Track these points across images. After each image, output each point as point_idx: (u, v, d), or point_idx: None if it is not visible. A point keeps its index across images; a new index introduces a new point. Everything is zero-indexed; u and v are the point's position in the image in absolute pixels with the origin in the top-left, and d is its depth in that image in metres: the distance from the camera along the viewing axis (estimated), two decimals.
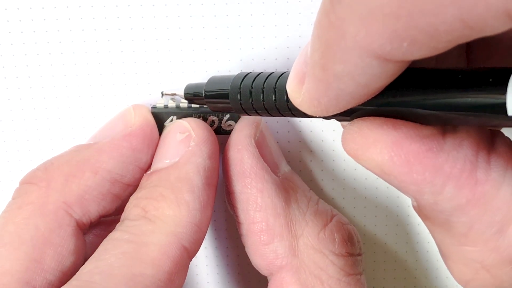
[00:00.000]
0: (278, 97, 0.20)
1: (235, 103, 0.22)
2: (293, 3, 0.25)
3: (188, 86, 0.25)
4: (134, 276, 0.20)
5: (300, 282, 0.23)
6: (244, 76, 0.22)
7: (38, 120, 0.27)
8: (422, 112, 0.16)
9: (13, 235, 0.22)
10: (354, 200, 0.29)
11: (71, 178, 0.23)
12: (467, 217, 0.16)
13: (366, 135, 0.17)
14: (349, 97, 0.16)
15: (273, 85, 0.20)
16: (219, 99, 0.23)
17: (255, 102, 0.21)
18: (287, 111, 0.20)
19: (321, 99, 0.16)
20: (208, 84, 0.24)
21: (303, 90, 0.17)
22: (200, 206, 0.23)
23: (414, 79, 0.16)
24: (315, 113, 0.17)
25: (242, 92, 0.22)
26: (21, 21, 0.25)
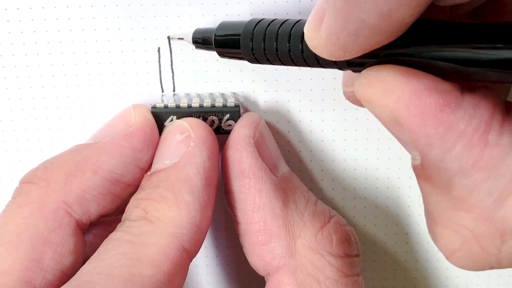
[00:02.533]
0: (293, 43, 0.20)
1: (246, 49, 0.22)
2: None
3: (197, 30, 0.25)
4: (134, 276, 0.20)
5: (298, 283, 0.23)
6: (258, 22, 0.22)
7: (38, 120, 0.27)
8: (442, 65, 0.16)
9: (13, 235, 0.22)
10: (354, 200, 0.29)
11: (71, 177, 0.23)
12: (470, 180, 0.16)
13: (385, 80, 0.17)
14: (369, 31, 0.15)
15: (288, 31, 0.20)
16: (230, 44, 0.23)
17: (268, 49, 0.21)
18: (301, 58, 0.20)
19: (340, 33, 0.16)
20: (219, 29, 0.23)
21: (322, 27, 0.17)
22: (200, 206, 0.23)
23: (435, 30, 0.16)
24: (332, 53, 0.17)
25: (254, 38, 0.21)
26: (21, 21, 0.25)
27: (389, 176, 0.28)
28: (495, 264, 0.17)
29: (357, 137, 0.28)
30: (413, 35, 0.16)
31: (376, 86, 0.17)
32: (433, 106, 0.16)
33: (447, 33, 0.16)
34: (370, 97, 0.17)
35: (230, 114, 0.26)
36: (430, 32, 0.16)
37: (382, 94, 0.17)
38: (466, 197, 0.16)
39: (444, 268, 0.30)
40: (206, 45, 0.24)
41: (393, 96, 0.16)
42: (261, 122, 0.26)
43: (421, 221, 0.29)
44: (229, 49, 0.23)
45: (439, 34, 0.16)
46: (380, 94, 0.17)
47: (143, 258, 0.21)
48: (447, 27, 0.16)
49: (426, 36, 0.16)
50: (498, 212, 0.16)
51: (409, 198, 0.29)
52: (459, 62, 0.15)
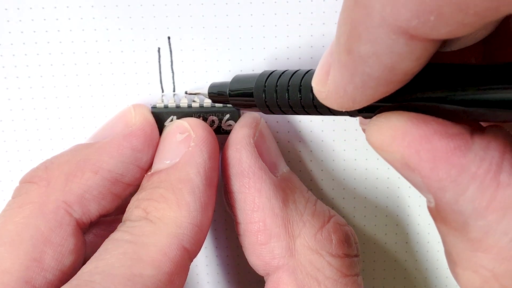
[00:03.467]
0: (304, 94, 0.20)
1: (260, 101, 0.22)
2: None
3: (212, 85, 0.25)
4: (134, 276, 0.20)
5: (297, 283, 0.23)
6: (269, 74, 0.22)
7: (38, 120, 0.27)
8: (451, 108, 0.16)
9: (13, 234, 0.22)
10: (354, 200, 0.29)
11: (71, 177, 0.23)
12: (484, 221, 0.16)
13: (395, 127, 0.17)
14: (375, 83, 0.16)
15: (298, 83, 0.20)
16: (244, 97, 0.23)
17: (280, 99, 0.21)
18: (312, 108, 0.20)
19: (346, 87, 0.16)
20: (233, 83, 0.24)
21: (329, 80, 0.17)
22: (201, 207, 0.23)
23: (442, 74, 0.16)
24: (341, 105, 0.17)
25: (267, 90, 0.22)
26: (21, 21, 0.25)
27: (389, 176, 0.28)
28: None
29: (357, 137, 0.28)
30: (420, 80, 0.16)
31: (386, 133, 0.17)
32: (444, 150, 0.16)
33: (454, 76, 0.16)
34: (381, 144, 0.17)
35: (230, 114, 0.26)
36: (437, 76, 0.16)
37: (392, 140, 0.17)
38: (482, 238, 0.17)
39: (444, 268, 0.30)
40: (222, 99, 0.25)
41: (403, 142, 0.16)
42: (261, 122, 0.26)
43: (421, 221, 0.29)
44: (243, 102, 0.24)
45: (446, 77, 0.16)
46: (391, 140, 0.17)
47: (143, 258, 0.21)
48: (453, 70, 0.16)
49: (433, 80, 0.16)
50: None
51: (409, 198, 0.29)
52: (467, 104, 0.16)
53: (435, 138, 0.16)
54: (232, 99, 0.24)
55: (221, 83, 0.25)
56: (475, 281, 0.17)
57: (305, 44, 0.26)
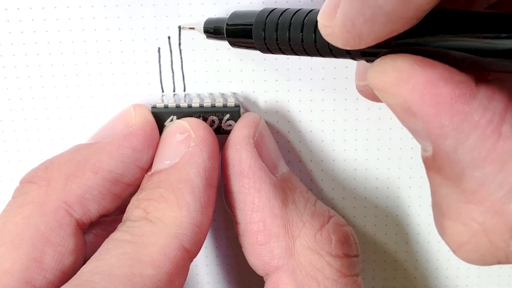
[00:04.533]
0: (306, 33, 0.20)
1: (258, 39, 0.22)
2: None
3: (208, 20, 0.25)
4: (134, 276, 0.20)
5: (297, 283, 0.23)
6: (270, 11, 0.21)
7: (38, 120, 0.27)
8: (457, 55, 0.16)
9: (13, 234, 0.22)
10: (354, 200, 0.29)
11: (72, 177, 0.23)
12: (481, 172, 0.16)
13: (400, 69, 0.16)
14: (386, 18, 0.15)
15: (301, 21, 0.20)
16: (242, 34, 0.23)
17: (280, 38, 0.21)
18: (313, 48, 0.20)
19: (356, 20, 0.16)
20: (231, 18, 0.23)
21: (337, 14, 0.17)
22: (201, 207, 0.23)
23: (451, 20, 0.16)
24: (347, 42, 0.17)
25: (267, 28, 0.21)
26: (21, 21, 0.25)
27: (389, 176, 0.28)
28: (502, 259, 0.17)
29: (357, 137, 0.28)
30: (428, 24, 0.16)
31: (390, 75, 0.17)
32: (448, 96, 0.16)
33: (462, 23, 0.16)
34: (384, 85, 0.17)
35: (230, 114, 0.26)
36: (445, 22, 0.16)
37: (396, 82, 0.16)
38: (477, 189, 0.16)
39: (444, 268, 0.30)
40: (218, 34, 0.24)
41: (407, 85, 0.16)
42: (261, 122, 0.26)
43: (421, 221, 0.29)
44: (241, 39, 0.23)
45: (455, 24, 0.16)
46: (395, 82, 0.16)
47: (143, 258, 0.21)
48: (462, 16, 0.16)
49: (442, 26, 0.16)
50: (508, 206, 0.16)
51: (409, 198, 0.29)
52: (474, 52, 0.15)
53: (440, 84, 0.16)
54: (229, 36, 0.23)
55: (218, 18, 0.24)
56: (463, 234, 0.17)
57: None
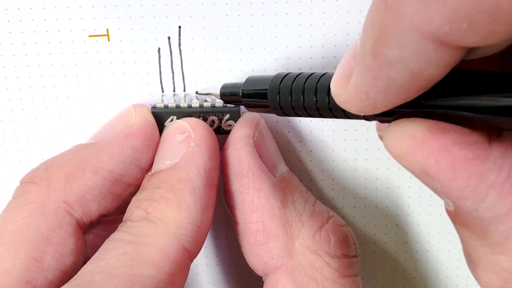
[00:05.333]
0: (319, 97, 0.20)
1: (274, 102, 0.22)
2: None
3: (225, 85, 0.25)
4: (134, 276, 0.20)
5: (295, 283, 0.23)
6: (284, 76, 0.22)
7: (38, 120, 0.27)
8: (470, 116, 0.16)
9: (14, 234, 0.22)
10: (354, 200, 0.29)
11: (72, 177, 0.23)
12: (505, 227, 0.16)
13: (414, 137, 0.17)
14: (399, 88, 0.16)
15: (314, 85, 0.20)
16: (257, 98, 0.23)
17: (295, 102, 0.21)
18: (328, 111, 0.20)
19: (369, 91, 0.16)
20: (246, 84, 0.24)
21: (350, 84, 0.17)
22: (201, 207, 0.23)
23: (462, 81, 0.16)
24: (361, 109, 0.17)
25: (281, 92, 0.22)
26: (22, 21, 0.25)
27: (389, 176, 0.28)
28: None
29: (357, 137, 0.28)
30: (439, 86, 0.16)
31: (405, 143, 0.17)
32: (463, 159, 0.16)
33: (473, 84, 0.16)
34: (400, 153, 0.17)
35: (230, 114, 0.26)
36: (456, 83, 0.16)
37: (411, 150, 0.17)
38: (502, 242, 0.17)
39: (444, 268, 0.30)
40: (234, 100, 0.25)
41: (422, 152, 0.17)
42: (260, 122, 0.26)
43: (421, 221, 0.29)
44: (256, 104, 0.23)
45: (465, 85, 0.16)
46: (410, 150, 0.17)
47: (144, 258, 0.21)
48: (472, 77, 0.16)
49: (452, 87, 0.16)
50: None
51: (409, 198, 0.29)
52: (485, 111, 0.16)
53: (454, 148, 0.16)
54: (245, 100, 0.24)
55: (233, 84, 0.25)
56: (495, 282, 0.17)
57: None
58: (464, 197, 0.16)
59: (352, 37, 0.26)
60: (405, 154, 0.17)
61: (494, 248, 0.17)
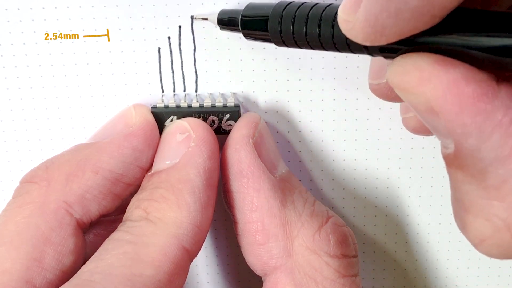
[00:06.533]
0: (323, 28, 0.19)
1: (274, 32, 0.21)
2: None
3: (223, 10, 0.24)
4: (134, 276, 0.20)
5: (295, 283, 0.23)
6: (287, 4, 0.21)
7: (38, 120, 0.27)
8: (478, 55, 0.16)
9: (13, 234, 0.22)
10: (354, 200, 0.29)
11: (72, 177, 0.23)
12: (504, 170, 0.16)
13: (422, 68, 0.16)
14: (410, 13, 0.15)
15: (318, 15, 0.20)
16: (257, 26, 0.22)
17: (297, 32, 0.20)
18: (331, 43, 0.19)
19: (379, 15, 0.16)
20: (246, 10, 0.23)
21: (360, 9, 0.16)
22: (201, 207, 0.23)
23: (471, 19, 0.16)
24: (367, 37, 0.17)
25: (283, 21, 0.21)
26: (22, 21, 0.25)
27: (389, 176, 0.28)
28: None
29: (357, 137, 0.28)
30: (449, 23, 0.16)
31: (412, 74, 0.17)
32: (471, 95, 0.16)
33: (483, 22, 0.16)
34: (405, 85, 0.17)
35: (230, 114, 0.26)
36: (466, 21, 0.16)
37: (418, 82, 0.16)
38: (500, 186, 0.16)
39: (444, 268, 0.30)
40: (232, 26, 0.24)
41: (430, 84, 0.16)
42: (260, 122, 0.26)
43: (421, 221, 0.29)
44: (256, 31, 0.23)
45: (475, 23, 0.16)
46: (417, 82, 0.16)
47: (144, 258, 0.21)
48: (482, 16, 0.16)
49: (463, 25, 0.16)
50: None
51: (409, 198, 0.29)
52: (494, 52, 0.15)
53: (462, 83, 0.16)
54: (244, 28, 0.23)
55: (232, 9, 0.24)
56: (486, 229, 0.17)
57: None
58: (467, 134, 0.16)
59: None
60: (411, 86, 0.17)
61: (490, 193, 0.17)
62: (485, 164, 0.16)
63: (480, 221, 0.17)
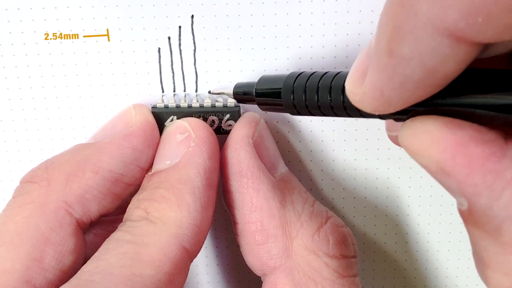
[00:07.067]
0: (334, 96, 0.20)
1: (287, 102, 0.22)
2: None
3: (238, 84, 0.25)
4: (134, 276, 0.20)
5: (294, 283, 0.23)
6: (297, 76, 0.22)
7: (38, 120, 0.27)
8: (485, 113, 0.16)
9: (14, 234, 0.22)
10: (354, 200, 0.29)
11: (72, 177, 0.23)
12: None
13: (430, 132, 0.17)
14: (415, 86, 0.16)
15: (328, 85, 0.20)
16: (271, 98, 0.23)
17: (309, 101, 0.21)
18: (342, 110, 0.20)
19: (384, 89, 0.16)
20: (259, 83, 0.24)
21: (365, 82, 0.17)
22: (201, 207, 0.23)
23: (477, 79, 0.16)
24: (376, 108, 0.17)
25: (295, 91, 0.22)
26: (22, 21, 0.25)
27: (389, 176, 0.28)
28: None
29: (357, 137, 0.28)
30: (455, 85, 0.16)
31: (421, 138, 0.17)
32: (479, 156, 0.16)
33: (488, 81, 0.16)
34: (415, 148, 0.17)
35: (230, 114, 0.26)
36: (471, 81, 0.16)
37: (428, 145, 0.17)
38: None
39: (444, 268, 0.30)
40: (247, 99, 0.25)
41: (439, 147, 0.16)
42: (260, 122, 0.26)
43: (421, 221, 0.29)
44: (270, 103, 0.23)
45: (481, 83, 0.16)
46: (426, 145, 0.17)
47: (144, 258, 0.21)
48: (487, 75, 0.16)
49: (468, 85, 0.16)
50: None
51: (409, 198, 0.29)
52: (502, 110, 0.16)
53: (470, 144, 0.16)
54: (258, 99, 0.24)
55: (247, 83, 0.25)
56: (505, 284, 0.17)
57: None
58: (479, 194, 0.16)
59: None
60: (421, 149, 0.17)
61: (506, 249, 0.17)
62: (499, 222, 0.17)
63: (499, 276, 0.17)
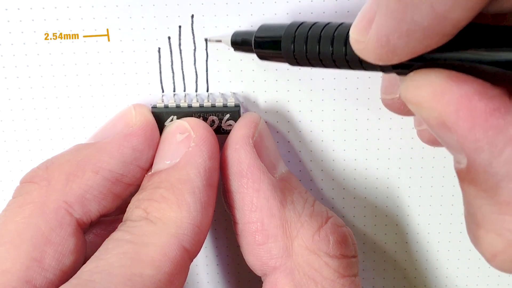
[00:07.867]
0: (336, 46, 0.20)
1: (287, 52, 0.22)
2: None
3: (236, 32, 0.25)
4: (134, 276, 0.20)
5: (294, 283, 0.23)
6: (299, 25, 0.21)
7: (38, 120, 0.27)
8: (490, 69, 0.16)
9: (14, 234, 0.22)
10: (354, 200, 0.29)
11: (72, 177, 0.23)
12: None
13: (434, 84, 0.17)
14: (422, 33, 0.15)
15: (331, 34, 0.20)
16: (270, 47, 0.23)
17: (310, 51, 0.21)
18: (344, 62, 0.20)
19: (391, 36, 0.16)
20: (259, 31, 0.23)
21: (372, 29, 0.17)
22: (201, 207, 0.23)
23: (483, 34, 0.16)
24: (380, 57, 0.17)
25: (296, 41, 0.21)
26: (22, 21, 0.25)
27: (389, 176, 0.28)
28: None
29: (357, 137, 0.28)
30: (461, 39, 0.16)
31: (425, 89, 0.17)
32: (483, 110, 0.16)
33: (495, 37, 0.16)
34: (418, 100, 0.17)
35: (230, 114, 0.26)
36: (478, 36, 0.16)
37: (431, 97, 0.17)
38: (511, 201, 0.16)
39: (444, 268, 0.30)
40: (245, 47, 0.24)
41: (443, 99, 0.16)
42: (260, 122, 0.26)
43: (421, 221, 0.29)
44: (269, 51, 0.23)
45: (487, 38, 0.16)
46: (430, 97, 0.17)
47: (144, 258, 0.21)
48: (494, 31, 0.16)
49: (475, 40, 0.16)
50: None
51: (409, 198, 0.29)
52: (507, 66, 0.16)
53: (474, 98, 0.16)
54: (257, 48, 0.23)
55: (245, 31, 0.24)
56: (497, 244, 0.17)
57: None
58: (480, 149, 0.16)
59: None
60: (424, 101, 0.17)
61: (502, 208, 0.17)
62: (497, 179, 0.16)
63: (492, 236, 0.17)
